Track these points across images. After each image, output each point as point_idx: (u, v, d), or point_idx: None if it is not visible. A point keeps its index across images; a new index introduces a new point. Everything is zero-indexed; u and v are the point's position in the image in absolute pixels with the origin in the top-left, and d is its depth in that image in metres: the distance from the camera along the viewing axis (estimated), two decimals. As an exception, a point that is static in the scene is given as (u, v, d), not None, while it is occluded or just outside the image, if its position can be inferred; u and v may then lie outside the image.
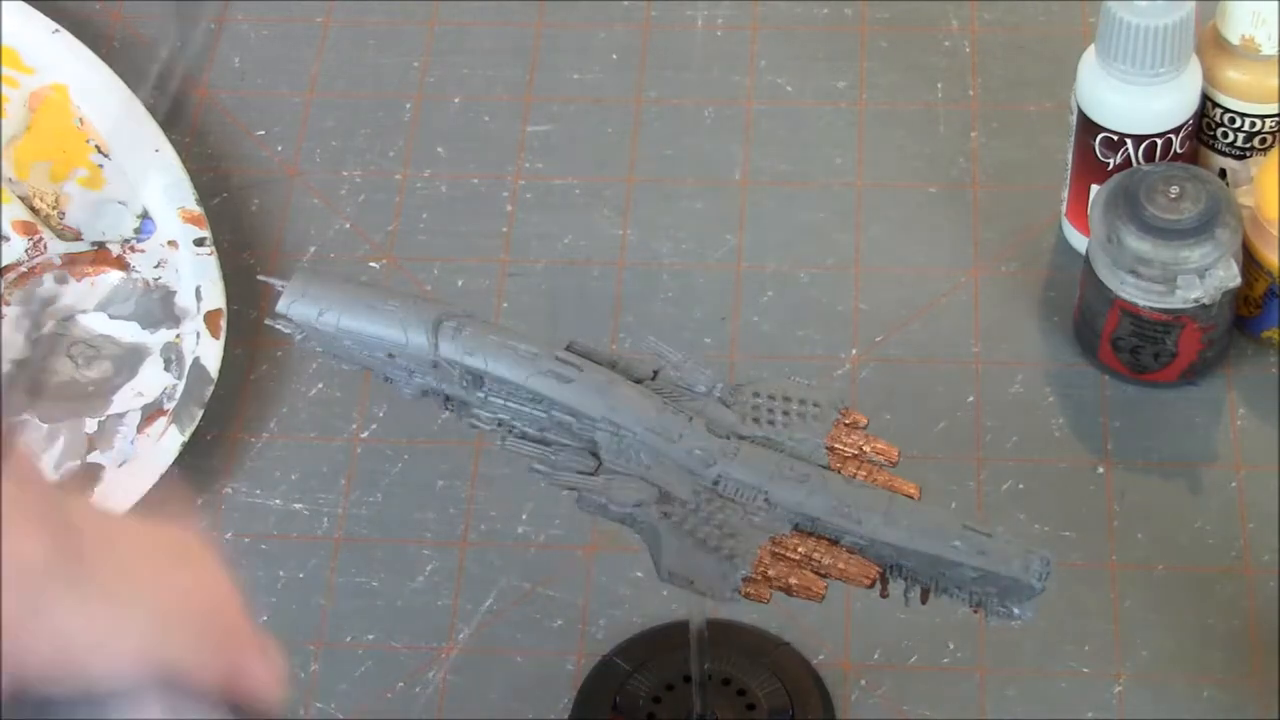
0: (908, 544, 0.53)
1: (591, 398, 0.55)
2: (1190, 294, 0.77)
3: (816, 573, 0.53)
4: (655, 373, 0.57)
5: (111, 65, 0.92)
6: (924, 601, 0.55)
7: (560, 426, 0.56)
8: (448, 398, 0.57)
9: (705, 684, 0.69)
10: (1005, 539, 0.53)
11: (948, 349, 0.83)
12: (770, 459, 0.54)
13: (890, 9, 0.95)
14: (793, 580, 0.53)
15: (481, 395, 0.56)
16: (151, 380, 0.83)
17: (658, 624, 0.76)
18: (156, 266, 0.86)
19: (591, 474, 0.55)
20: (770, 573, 0.53)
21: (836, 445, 0.55)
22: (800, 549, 0.53)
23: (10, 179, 0.89)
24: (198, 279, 0.84)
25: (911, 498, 0.55)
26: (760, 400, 0.56)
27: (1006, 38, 0.93)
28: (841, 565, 0.53)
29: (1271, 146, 0.81)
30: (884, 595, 0.55)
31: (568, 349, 0.57)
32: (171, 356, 0.83)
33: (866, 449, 0.56)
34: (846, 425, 0.56)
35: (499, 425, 0.57)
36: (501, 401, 0.56)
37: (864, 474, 0.55)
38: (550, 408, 0.56)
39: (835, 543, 0.54)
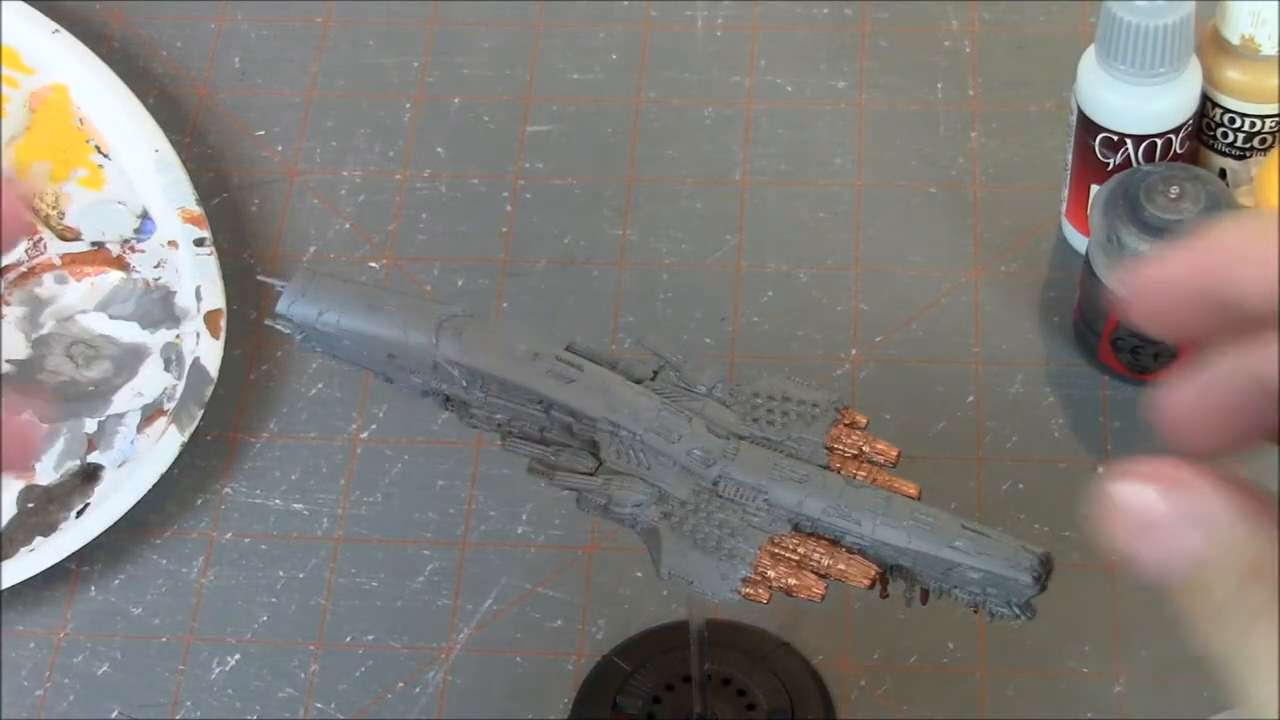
0: (906, 544, 0.53)
1: (591, 398, 0.55)
2: (1190, 294, 0.77)
3: (816, 573, 0.53)
4: (655, 373, 0.57)
5: (111, 65, 0.92)
6: (924, 602, 0.54)
7: (560, 427, 0.56)
8: (448, 398, 0.57)
9: (705, 684, 0.69)
10: (1005, 539, 0.53)
11: (948, 349, 0.83)
12: (769, 459, 0.54)
13: (890, 9, 0.95)
14: (792, 581, 0.53)
15: (481, 395, 0.56)
16: (151, 380, 0.83)
17: (658, 624, 0.76)
18: (156, 266, 0.86)
19: (591, 474, 0.55)
20: (769, 573, 0.53)
21: (836, 445, 0.55)
22: (799, 549, 0.53)
23: (10, 179, 0.89)
24: (198, 279, 0.84)
25: (911, 498, 0.54)
26: (760, 400, 0.56)
27: (1006, 38, 0.93)
28: (841, 566, 0.53)
29: (1271, 146, 0.81)
30: (884, 596, 0.55)
31: (568, 349, 0.57)
32: (171, 356, 0.83)
33: (866, 449, 0.55)
34: (846, 425, 0.56)
35: (499, 426, 0.57)
36: (502, 402, 0.56)
37: (864, 474, 0.55)
38: (550, 408, 0.56)
39: (835, 543, 0.54)
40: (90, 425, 0.82)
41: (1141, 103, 0.79)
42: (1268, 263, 0.45)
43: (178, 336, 0.84)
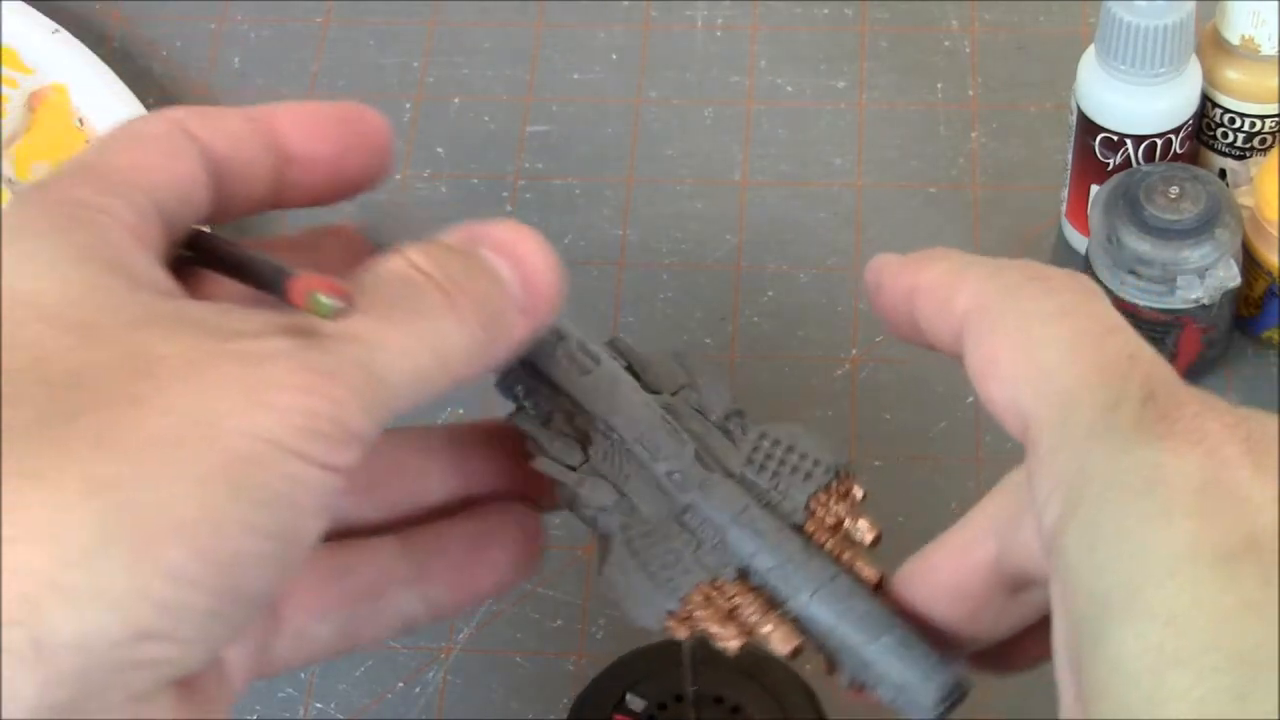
0: (833, 627, 0.51)
1: (596, 395, 0.55)
2: (1190, 294, 0.77)
3: (741, 627, 0.52)
4: (680, 388, 0.56)
5: (111, 65, 0.92)
6: (858, 692, 0.52)
7: (565, 415, 0.55)
8: None
9: (695, 702, 0.69)
10: (931, 654, 0.51)
11: (948, 349, 0.83)
12: (740, 503, 0.53)
13: (890, 9, 0.95)
14: (714, 628, 0.51)
15: (502, 372, 0.56)
16: (151, 380, 0.83)
17: (654, 641, 0.75)
18: (156, 267, 0.86)
19: (574, 469, 0.54)
20: (697, 613, 0.51)
21: (819, 509, 0.54)
22: (735, 599, 0.52)
23: (10, 179, 0.89)
24: (198, 279, 0.84)
25: (868, 583, 0.52)
26: (765, 444, 0.54)
27: (1006, 38, 0.93)
28: (767, 628, 0.51)
29: (1271, 146, 0.81)
30: (829, 671, 0.53)
31: (609, 344, 0.56)
32: (171, 357, 0.83)
33: (847, 522, 0.53)
34: (839, 492, 0.54)
35: (515, 396, 0.56)
36: (518, 373, 0.55)
37: (832, 546, 0.53)
38: (557, 393, 0.55)
39: (774, 604, 0.52)
40: (90, 425, 0.82)
41: (1141, 103, 0.79)
42: (943, 304, 0.46)
43: (178, 337, 0.84)
